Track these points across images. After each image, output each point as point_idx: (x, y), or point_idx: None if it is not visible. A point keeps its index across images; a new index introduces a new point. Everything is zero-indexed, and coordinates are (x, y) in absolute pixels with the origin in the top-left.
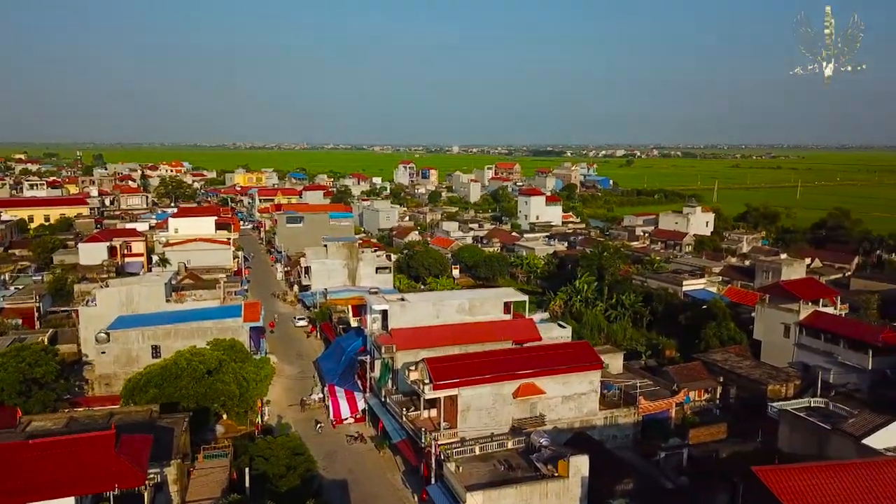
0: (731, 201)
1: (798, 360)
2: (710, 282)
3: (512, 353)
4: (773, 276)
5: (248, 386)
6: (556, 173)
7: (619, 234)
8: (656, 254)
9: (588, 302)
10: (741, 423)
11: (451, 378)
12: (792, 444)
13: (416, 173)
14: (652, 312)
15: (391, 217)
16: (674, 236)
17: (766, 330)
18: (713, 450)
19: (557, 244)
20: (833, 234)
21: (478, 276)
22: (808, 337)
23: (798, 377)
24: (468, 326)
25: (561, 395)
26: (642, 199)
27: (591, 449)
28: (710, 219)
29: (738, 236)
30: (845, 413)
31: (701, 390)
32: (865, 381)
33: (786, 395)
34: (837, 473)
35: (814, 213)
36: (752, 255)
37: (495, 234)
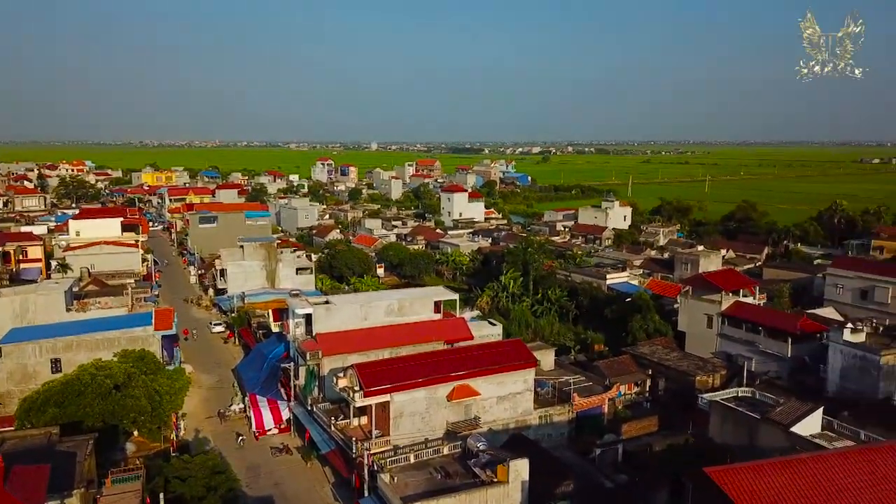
0: (645, 195)
1: (721, 349)
2: (632, 275)
3: (445, 354)
4: (692, 267)
5: (161, 400)
6: (477, 170)
7: (541, 230)
8: (578, 248)
9: (514, 298)
10: (672, 414)
11: (382, 383)
12: (723, 435)
13: (334, 170)
14: (577, 306)
15: (310, 215)
16: (593, 230)
17: (689, 321)
18: (646, 443)
19: (482, 240)
20: (742, 226)
21: (403, 274)
22: (730, 327)
23: (723, 367)
24: (398, 328)
25: (496, 396)
26: (560, 195)
27: (528, 451)
28: (627, 213)
29: (654, 229)
30: (772, 401)
31: (631, 384)
32: (785, 369)
33: (713, 385)
34: (788, 470)
35: (723, 206)
36: (670, 247)
37: (419, 231)
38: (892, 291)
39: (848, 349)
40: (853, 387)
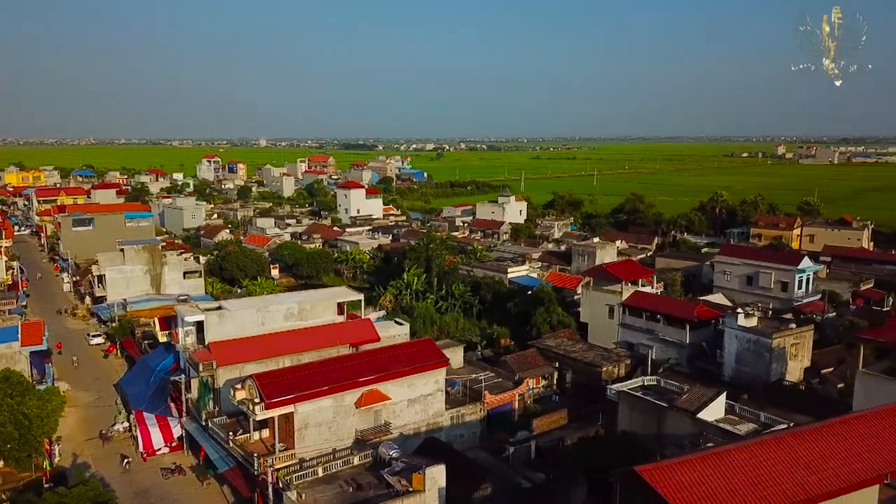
0: (537, 190)
1: (623, 339)
2: (532, 268)
3: (351, 358)
4: (589, 259)
5: (31, 424)
6: (372, 166)
7: (440, 225)
8: (478, 243)
9: (418, 295)
10: (580, 406)
11: (284, 393)
12: (632, 424)
13: (221, 168)
14: (481, 301)
15: (197, 215)
16: (491, 225)
17: (592, 312)
18: (558, 438)
19: (381, 237)
20: (631, 218)
21: (301, 275)
22: (630, 316)
23: (627, 356)
24: (299, 333)
25: (406, 399)
26: (457, 191)
27: (443, 454)
28: (522, 207)
29: (549, 223)
30: (676, 388)
31: (539, 377)
32: (684, 355)
33: (618, 375)
34: (716, 462)
35: (612, 199)
36: (566, 239)
37: (315, 229)
38: (775, 276)
39: (742, 334)
40: (748, 369)
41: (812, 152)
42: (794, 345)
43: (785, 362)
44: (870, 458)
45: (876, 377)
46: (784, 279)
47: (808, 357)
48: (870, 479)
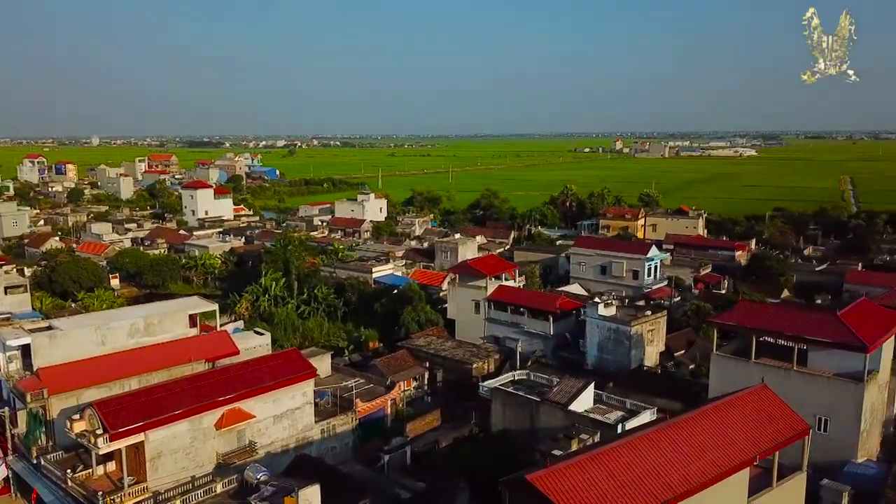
0: (395, 187)
1: (490, 334)
2: (397, 266)
3: (208, 376)
4: (452, 255)
5: None
6: (219, 164)
7: (298, 225)
8: (339, 242)
9: (278, 300)
10: (453, 406)
11: (132, 421)
12: (505, 421)
13: (47, 169)
14: (346, 303)
15: (20, 222)
16: (352, 224)
17: (458, 308)
18: (433, 440)
19: (233, 240)
20: (488, 213)
21: (145, 284)
22: (496, 311)
23: (496, 351)
24: (147, 351)
25: (272, 415)
26: (312, 189)
27: (316, 472)
28: (382, 205)
29: (410, 220)
30: (546, 381)
31: (410, 379)
32: (549, 346)
33: (488, 371)
34: (603, 462)
35: (468, 195)
36: (427, 236)
37: (159, 233)
38: (626, 265)
39: (603, 323)
40: (610, 357)
41: (646, 147)
42: (650, 331)
43: (643, 348)
44: (741, 442)
45: (728, 358)
46: (635, 268)
47: (662, 341)
48: (744, 462)
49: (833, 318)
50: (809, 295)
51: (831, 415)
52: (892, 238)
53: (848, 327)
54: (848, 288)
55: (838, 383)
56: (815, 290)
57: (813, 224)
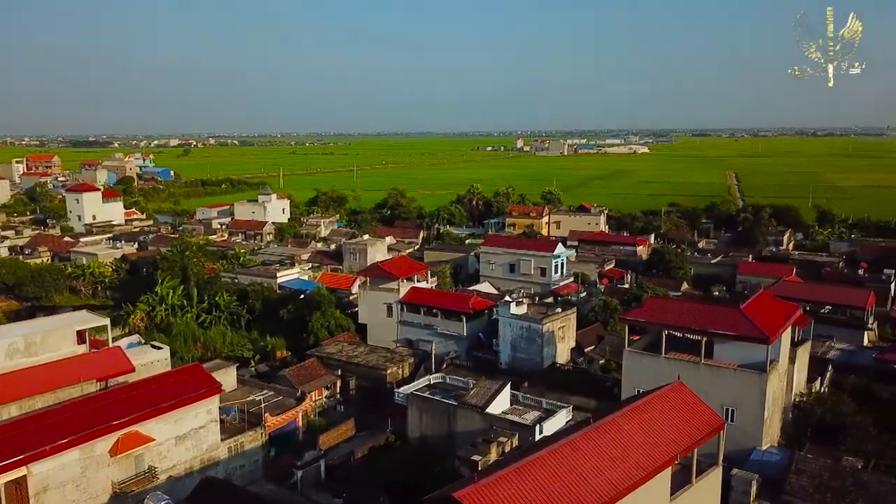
0: (298, 187)
1: (403, 337)
2: (303, 270)
3: (101, 398)
4: (361, 257)
5: None
6: (108, 165)
7: (195, 229)
8: (240, 246)
9: (175, 310)
10: (367, 414)
11: (11, 453)
12: (423, 427)
13: None
14: (250, 311)
15: None
16: (253, 226)
17: (370, 312)
18: (348, 451)
19: (126, 246)
20: (395, 212)
21: (25, 296)
22: (409, 313)
23: (410, 355)
24: (29, 373)
25: (174, 437)
26: (210, 190)
27: (223, 495)
28: (285, 205)
29: (315, 221)
30: (462, 384)
31: (321, 388)
32: (463, 347)
33: (403, 376)
34: (531, 472)
35: (374, 194)
36: (334, 238)
37: (41, 240)
38: (534, 263)
39: (515, 321)
40: (523, 356)
41: (546, 146)
42: (561, 328)
43: (555, 345)
44: (663, 442)
45: (639, 354)
46: (542, 265)
47: (573, 338)
48: (666, 462)
49: (737, 312)
50: (707, 286)
51: (737, 405)
52: (776, 230)
53: (751, 320)
54: (741, 279)
55: (743, 374)
56: (712, 282)
57: (705, 218)
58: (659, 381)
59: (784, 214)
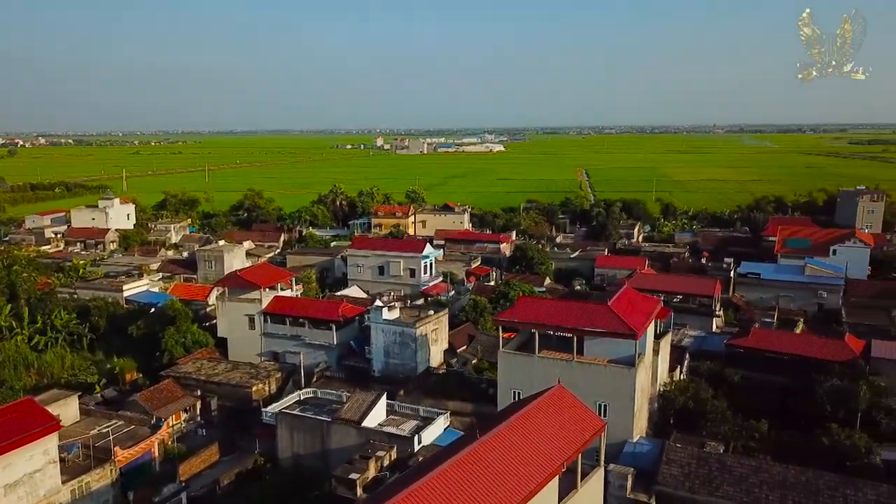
0: (144, 190)
1: (268, 349)
2: (152, 281)
3: None
4: (217, 265)
5: None
6: None
7: (25, 239)
8: (79, 257)
9: (3, 332)
10: (233, 436)
11: None
12: (294, 447)
13: None
14: (93, 330)
15: None
16: (94, 234)
17: (230, 325)
18: (213, 479)
19: None
20: (253, 215)
21: None
22: (273, 324)
23: (277, 369)
24: None
25: (3, 485)
26: (41, 195)
27: None
28: (129, 210)
29: (164, 226)
30: (335, 398)
31: (179, 412)
32: (334, 357)
33: (270, 392)
34: (422, 497)
35: (230, 196)
36: (186, 244)
37: None
38: (404, 264)
39: (388, 327)
40: (397, 361)
41: (406, 144)
42: (434, 330)
43: (428, 349)
44: (550, 451)
45: (514, 355)
46: (412, 266)
47: (445, 340)
48: (553, 472)
49: (605, 309)
50: (568, 280)
51: (610, 400)
52: (627, 224)
53: (619, 317)
54: (599, 272)
55: (614, 370)
56: (572, 276)
57: (561, 213)
58: (534, 381)
59: (633, 208)
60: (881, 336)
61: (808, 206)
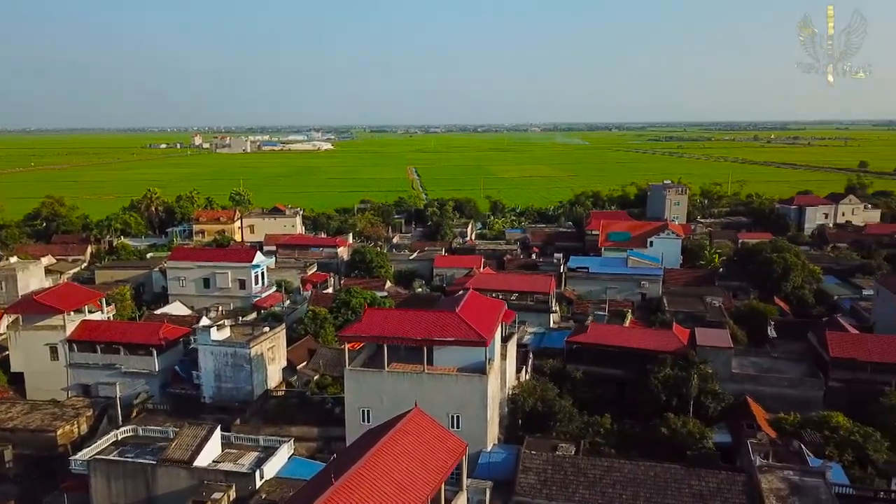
0: None
1: (76, 383)
2: None
3: None
4: (9, 286)
5: None
6: None
7: None
8: None
9: None
10: (35, 491)
11: None
12: (114, 497)
13: None
14: None
15: None
16: None
17: (27, 358)
18: None
19: None
20: (53, 225)
21: None
22: (82, 353)
23: (88, 406)
24: None
25: None
26: None
27: None
28: None
29: None
30: (160, 434)
31: None
32: (156, 386)
33: (80, 434)
34: None
35: (23, 204)
36: None
37: None
38: (232, 275)
39: (218, 348)
40: (230, 385)
41: (227, 142)
42: (270, 348)
43: (265, 369)
44: (413, 484)
45: (362, 371)
46: (241, 277)
47: (284, 357)
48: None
49: (454, 317)
50: (408, 282)
51: (462, 410)
52: (461, 222)
53: (468, 324)
54: (438, 272)
55: (465, 379)
56: (412, 278)
57: (396, 213)
58: (384, 398)
59: (464, 206)
60: (700, 322)
61: (622, 200)
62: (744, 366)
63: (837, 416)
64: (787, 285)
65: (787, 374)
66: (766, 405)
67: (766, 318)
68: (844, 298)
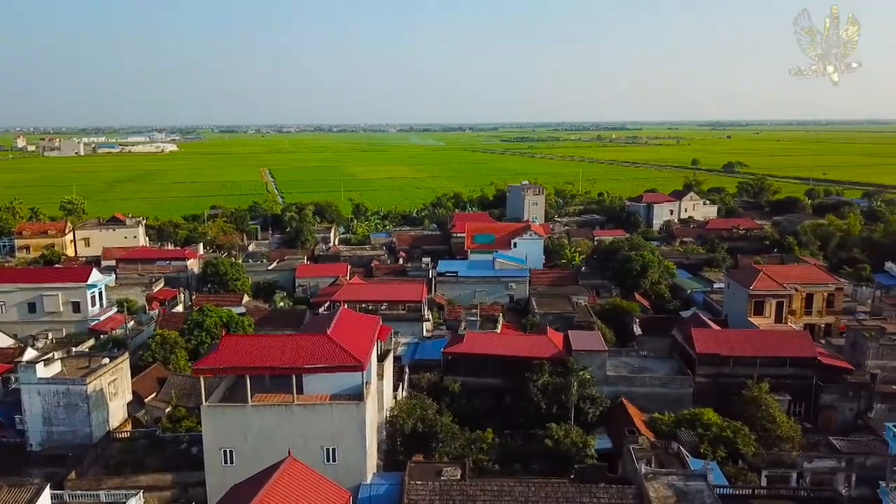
0: None
1: None
2: None
3: None
4: None
5: None
6: None
7: None
8: None
9: None
10: None
11: None
12: None
13: None
14: None
15: None
16: None
17: None
18: None
19: None
20: None
21: None
22: None
23: None
24: None
25: None
26: None
27: None
28: None
29: None
30: None
31: None
32: None
33: None
34: None
35: None
36: None
37: None
38: (63, 297)
39: (46, 387)
40: (63, 429)
41: (56, 144)
42: (112, 381)
43: (106, 406)
44: None
45: (222, 408)
46: (74, 298)
47: (129, 389)
48: None
49: (325, 340)
50: (268, 295)
51: (338, 442)
52: (322, 227)
53: (342, 347)
54: (301, 282)
55: (340, 407)
56: (273, 290)
57: (250, 219)
58: (249, 435)
59: (325, 210)
60: (569, 324)
61: (482, 201)
62: (616, 367)
63: (708, 413)
64: (645, 281)
65: (657, 373)
66: (640, 405)
67: (630, 316)
68: (697, 292)
